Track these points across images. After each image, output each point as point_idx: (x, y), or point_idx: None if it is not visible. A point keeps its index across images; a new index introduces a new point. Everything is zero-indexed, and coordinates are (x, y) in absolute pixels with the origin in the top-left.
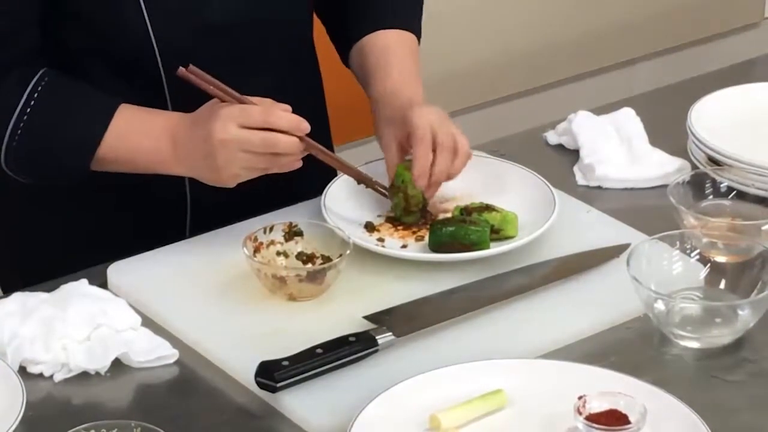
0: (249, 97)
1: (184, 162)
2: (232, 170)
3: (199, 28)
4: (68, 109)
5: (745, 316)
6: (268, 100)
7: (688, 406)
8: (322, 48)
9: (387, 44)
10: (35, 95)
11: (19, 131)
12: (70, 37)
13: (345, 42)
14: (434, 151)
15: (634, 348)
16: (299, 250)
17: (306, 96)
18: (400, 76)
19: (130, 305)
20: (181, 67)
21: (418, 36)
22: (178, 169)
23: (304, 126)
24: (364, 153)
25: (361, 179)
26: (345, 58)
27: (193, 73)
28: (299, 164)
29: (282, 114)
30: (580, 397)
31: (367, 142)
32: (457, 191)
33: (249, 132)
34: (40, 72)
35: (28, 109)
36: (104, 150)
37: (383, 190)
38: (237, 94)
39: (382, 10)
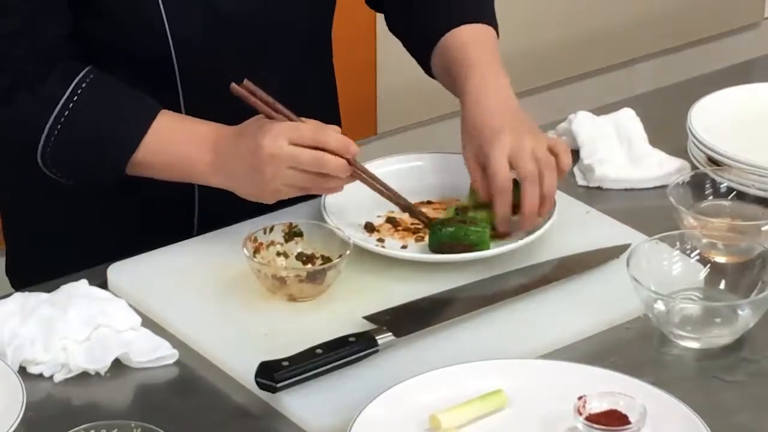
0: (299, 118)
1: (222, 173)
2: (276, 186)
3: (214, 20)
4: (110, 109)
5: (745, 316)
6: (317, 122)
7: (688, 406)
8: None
9: (463, 41)
10: (78, 91)
11: (59, 126)
12: (83, 26)
13: (424, 53)
14: (522, 181)
15: (634, 348)
16: (299, 250)
17: (318, 96)
18: (481, 79)
19: (130, 305)
20: (233, 83)
21: (495, 26)
22: (215, 180)
23: (354, 149)
24: (361, 154)
25: (408, 209)
26: (429, 69)
27: (247, 89)
28: (341, 189)
29: (332, 134)
30: (580, 397)
31: (360, 144)
32: (457, 192)
33: (299, 149)
34: (86, 69)
35: (71, 105)
36: (141, 154)
37: (426, 220)
38: (288, 112)
39: (452, 8)
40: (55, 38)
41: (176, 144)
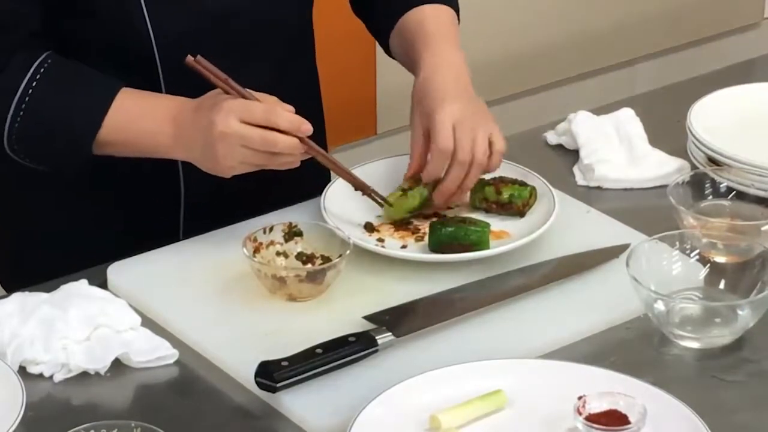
0: (254, 93)
1: (183, 146)
2: (229, 163)
3: (195, 16)
4: (70, 91)
5: (745, 316)
6: (273, 98)
7: (688, 406)
8: (320, 47)
9: (421, 18)
10: (37, 77)
11: (21, 113)
12: (65, 24)
13: (384, 33)
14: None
15: (634, 348)
16: (299, 250)
17: (301, 94)
18: (434, 56)
19: (130, 305)
20: (189, 56)
21: (456, 9)
22: (177, 153)
23: (306, 128)
24: (360, 154)
25: (358, 186)
26: (389, 50)
27: (201, 64)
28: (297, 164)
29: (284, 113)
30: (580, 397)
31: (361, 144)
32: None
33: (249, 128)
34: (44, 55)
35: (30, 91)
36: (105, 132)
37: (379, 199)
38: (241, 89)
39: None
40: (29, 35)
41: (139, 119)
